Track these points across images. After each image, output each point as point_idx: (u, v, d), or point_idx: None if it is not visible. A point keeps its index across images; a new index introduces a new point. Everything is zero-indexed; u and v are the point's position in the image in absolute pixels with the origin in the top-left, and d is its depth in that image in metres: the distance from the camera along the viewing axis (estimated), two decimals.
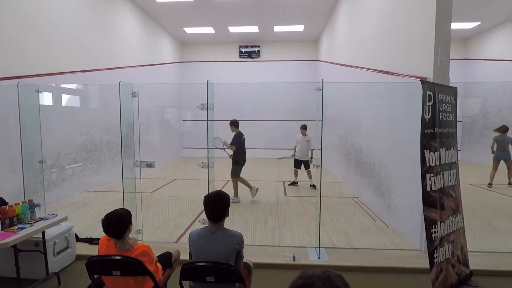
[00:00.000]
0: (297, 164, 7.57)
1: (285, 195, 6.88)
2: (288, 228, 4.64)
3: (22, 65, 5.36)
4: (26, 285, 2.95)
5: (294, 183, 7.71)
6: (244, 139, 6.29)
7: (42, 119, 4.48)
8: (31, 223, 2.88)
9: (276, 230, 4.59)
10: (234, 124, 6.34)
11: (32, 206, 3.01)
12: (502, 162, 7.26)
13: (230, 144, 6.16)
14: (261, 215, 5.29)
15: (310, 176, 7.46)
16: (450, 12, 3.59)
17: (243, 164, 6.34)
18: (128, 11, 9.04)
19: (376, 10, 5.76)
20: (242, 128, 6.38)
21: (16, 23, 5.24)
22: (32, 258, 3.08)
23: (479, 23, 10.46)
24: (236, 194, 6.24)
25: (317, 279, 0.89)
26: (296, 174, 7.70)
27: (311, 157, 7.45)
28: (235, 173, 6.23)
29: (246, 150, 6.39)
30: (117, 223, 2.15)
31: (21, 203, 2.93)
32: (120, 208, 2.31)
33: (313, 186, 7.34)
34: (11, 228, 2.73)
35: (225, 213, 2.22)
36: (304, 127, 7.60)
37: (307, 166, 7.48)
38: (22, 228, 2.74)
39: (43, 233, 3.06)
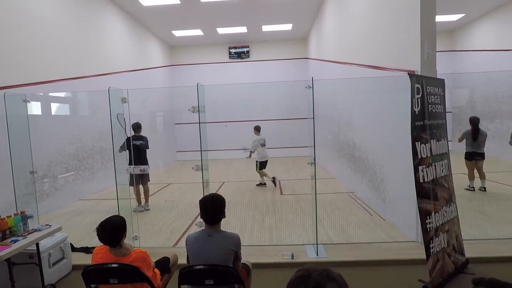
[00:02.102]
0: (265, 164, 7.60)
1: (281, 194, 6.89)
2: (285, 227, 4.65)
3: (8, 74, 5.26)
4: None
5: (262, 184, 7.62)
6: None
7: (31, 129, 4.41)
8: (24, 235, 2.83)
9: (273, 229, 4.59)
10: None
11: (24, 217, 2.96)
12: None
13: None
14: (258, 215, 5.29)
15: (265, 174, 7.56)
16: (434, 5, 3.63)
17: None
18: (115, 17, 8.96)
19: (362, 6, 5.81)
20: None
21: (1, 32, 5.15)
22: (27, 271, 3.03)
23: (464, 14, 10.63)
24: None
25: (314, 271, 0.93)
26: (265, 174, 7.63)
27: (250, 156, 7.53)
28: None
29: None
30: (112, 231, 2.12)
31: (13, 216, 2.87)
32: (114, 215, 2.29)
33: (264, 184, 7.52)
34: (4, 241, 2.68)
35: (222, 216, 2.22)
36: (257, 128, 7.62)
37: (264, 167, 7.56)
38: (15, 241, 2.69)
39: (37, 244, 3.01)
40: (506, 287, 1.23)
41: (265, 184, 7.60)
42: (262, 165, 7.52)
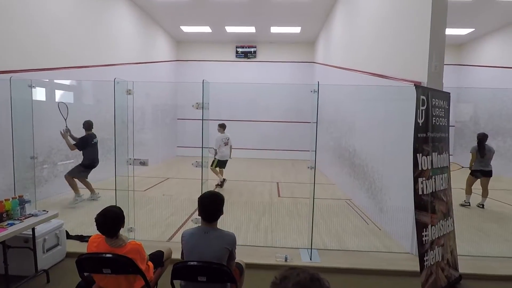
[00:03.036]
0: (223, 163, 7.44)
1: (279, 196, 6.89)
2: (281, 229, 4.65)
3: (15, 59, 5.28)
4: (14, 282, 2.91)
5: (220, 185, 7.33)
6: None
7: (35, 114, 4.42)
8: (21, 219, 2.84)
9: (268, 231, 4.59)
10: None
11: (22, 202, 2.97)
12: None
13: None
14: (254, 215, 5.29)
15: (217, 173, 7.36)
16: (445, 18, 3.63)
17: None
18: (124, 8, 8.97)
19: (372, 14, 5.81)
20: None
21: (10, 18, 5.17)
22: (21, 255, 3.04)
23: (473, 29, 10.61)
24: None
25: (295, 270, 1.00)
26: (221, 173, 7.45)
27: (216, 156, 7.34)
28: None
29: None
30: (112, 221, 2.13)
31: (11, 199, 2.89)
32: (113, 206, 2.30)
33: (220, 185, 7.26)
34: (0, 224, 2.69)
35: (220, 214, 2.22)
36: (222, 126, 7.46)
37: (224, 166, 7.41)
38: (11, 224, 2.71)
39: (33, 229, 3.02)
40: None
41: (221, 185, 7.27)
42: (219, 163, 7.32)
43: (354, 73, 6.79)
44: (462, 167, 5.86)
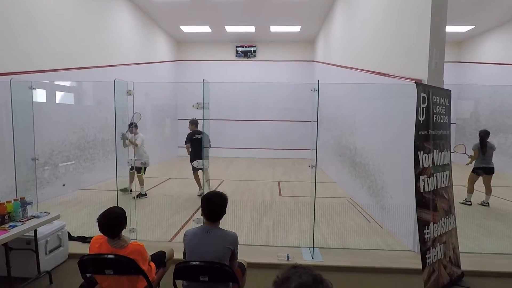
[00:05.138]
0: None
1: (280, 195, 6.89)
2: (282, 228, 4.65)
3: (15, 61, 5.28)
4: (17, 284, 2.91)
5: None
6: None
7: (35, 116, 4.43)
8: (23, 221, 2.84)
9: (270, 230, 4.59)
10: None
11: (24, 204, 2.98)
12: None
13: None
14: (255, 215, 5.29)
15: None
16: (445, 15, 3.62)
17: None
18: (124, 9, 8.97)
19: (372, 12, 5.79)
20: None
21: (10, 20, 5.17)
22: (23, 257, 3.04)
23: (473, 26, 10.58)
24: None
25: (298, 270, 0.98)
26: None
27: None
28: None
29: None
30: (114, 222, 2.13)
31: (13, 201, 2.89)
32: (115, 207, 2.30)
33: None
34: (3, 226, 2.69)
35: (223, 213, 2.22)
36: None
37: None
38: (13, 226, 2.71)
39: (35, 231, 3.03)
40: None
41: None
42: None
43: (354, 71, 6.78)
44: (466, 152, 5.77)
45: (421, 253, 2.79)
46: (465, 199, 6.02)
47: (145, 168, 6.36)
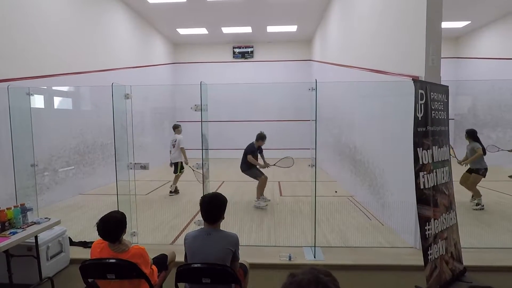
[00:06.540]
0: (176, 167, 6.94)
1: (281, 195, 6.88)
2: (283, 228, 4.65)
3: (12, 67, 5.28)
4: None
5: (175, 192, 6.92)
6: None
7: (34, 122, 4.42)
8: (23, 228, 2.84)
9: (271, 230, 4.59)
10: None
11: (24, 210, 2.97)
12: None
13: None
14: (256, 215, 5.29)
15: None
16: (440, 11, 3.63)
17: None
18: (120, 12, 8.97)
19: (368, 10, 5.80)
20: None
21: (6, 25, 5.16)
22: (25, 263, 3.04)
23: (469, 22, 10.60)
24: None
25: (302, 274, 0.95)
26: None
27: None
28: None
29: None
30: (114, 226, 2.13)
31: (13, 208, 2.89)
32: (115, 211, 2.29)
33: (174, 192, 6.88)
34: (3, 233, 2.69)
35: (222, 215, 2.22)
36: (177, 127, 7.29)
37: (176, 170, 6.95)
38: (14, 233, 2.70)
39: (36, 237, 3.02)
40: None
41: (174, 193, 6.90)
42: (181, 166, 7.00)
43: (352, 69, 6.79)
44: (455, 155, 5.57)
45: (423, 250, 2.78)
46: (476, 203, 5.51)
47: (181, 167, 6.87)
